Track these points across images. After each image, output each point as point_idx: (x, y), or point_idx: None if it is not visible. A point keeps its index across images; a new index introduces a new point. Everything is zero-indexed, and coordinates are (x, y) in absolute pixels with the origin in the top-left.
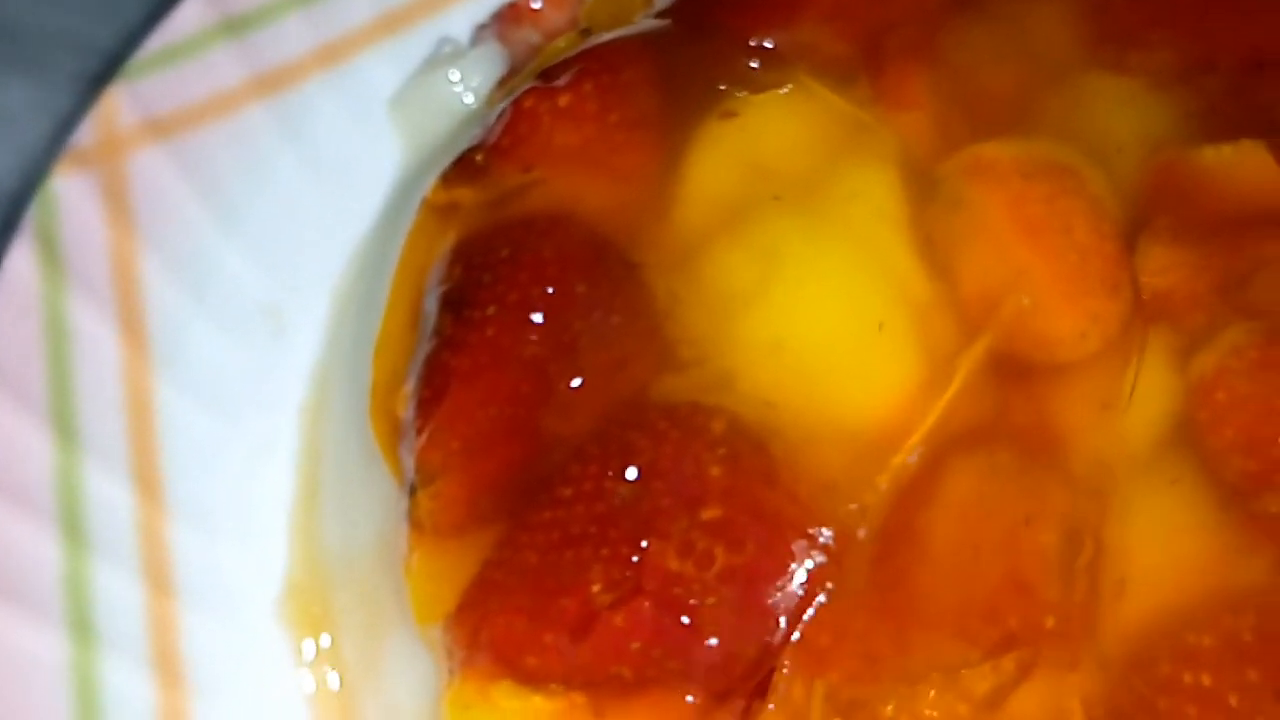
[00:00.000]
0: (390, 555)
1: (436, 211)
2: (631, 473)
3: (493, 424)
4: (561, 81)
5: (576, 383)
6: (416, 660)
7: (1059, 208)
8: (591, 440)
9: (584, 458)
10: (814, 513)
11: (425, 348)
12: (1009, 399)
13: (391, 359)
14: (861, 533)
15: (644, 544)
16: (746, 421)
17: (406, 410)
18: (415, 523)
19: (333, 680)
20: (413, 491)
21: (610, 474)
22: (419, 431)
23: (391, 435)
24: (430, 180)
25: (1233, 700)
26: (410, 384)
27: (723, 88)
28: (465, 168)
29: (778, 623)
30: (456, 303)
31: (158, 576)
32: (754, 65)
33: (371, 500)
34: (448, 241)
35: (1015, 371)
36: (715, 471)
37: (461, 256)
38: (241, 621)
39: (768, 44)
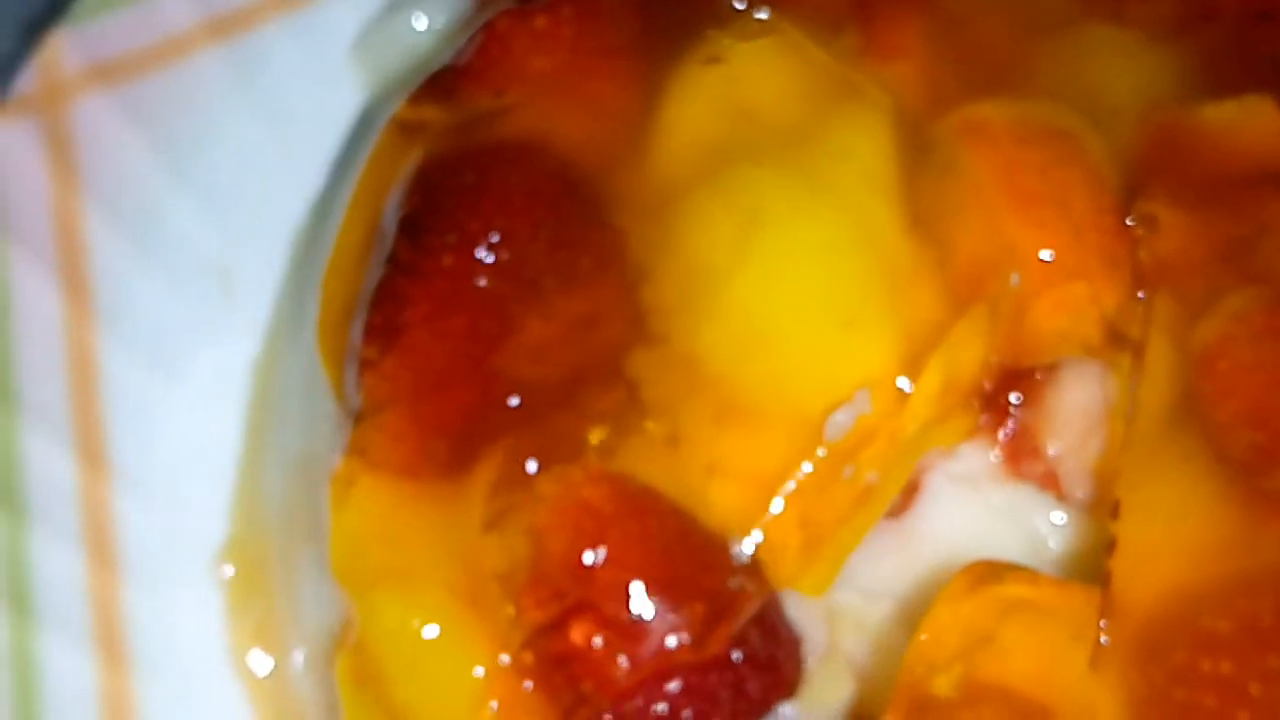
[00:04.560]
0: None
1: (402, 130)
2: None
3: (448, 360)
4: (538, 4)
5: (542, 328)
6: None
7: (1055, 178)
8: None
9: None
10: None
11: (379, 272)
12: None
13: (345, 280)
14: None
15: None
16: None
17: (354, 334)
18: (357, 450)
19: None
20: (357, 420)
21: None
22: (366, 359)
23: (338, 358)
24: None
25: (1254, 689)
26: (361, 308)
27: (708, 31)
28: (435, 87)
29: None
30: (414, 228)
31: (99, 547)
32: (739, 5)
33: (310, 439)
34: (411, 163)
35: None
36: None
37: (423, 180)
38: (184, 593)
39: None
